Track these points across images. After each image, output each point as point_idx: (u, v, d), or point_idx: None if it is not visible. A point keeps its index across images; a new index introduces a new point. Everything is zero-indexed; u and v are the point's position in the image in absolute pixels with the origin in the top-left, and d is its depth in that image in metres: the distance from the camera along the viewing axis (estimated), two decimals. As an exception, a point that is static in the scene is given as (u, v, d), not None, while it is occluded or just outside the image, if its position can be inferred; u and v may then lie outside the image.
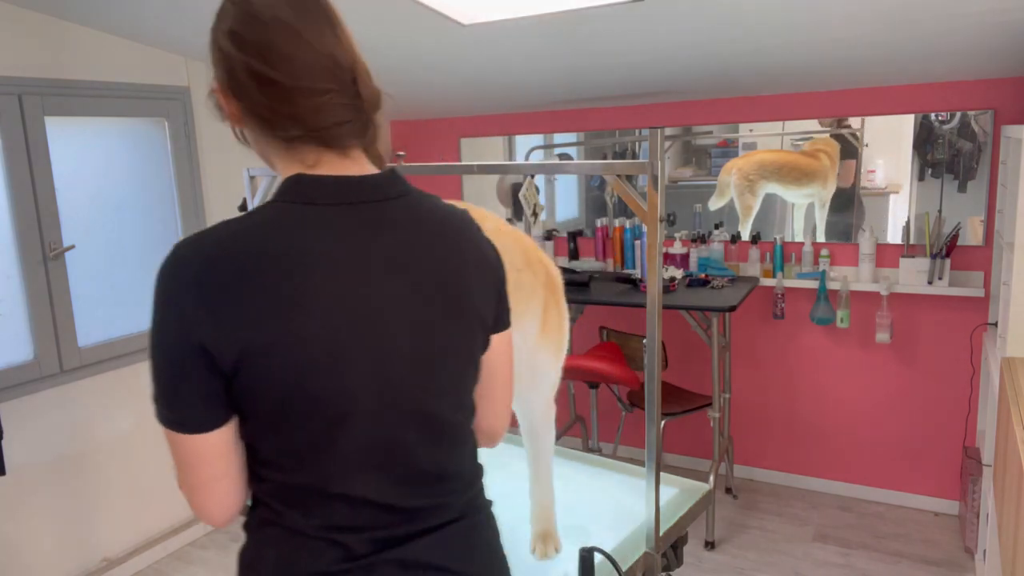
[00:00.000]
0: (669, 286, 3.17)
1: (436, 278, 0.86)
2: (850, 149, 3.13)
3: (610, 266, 3.70)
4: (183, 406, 0.81)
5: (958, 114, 2.92)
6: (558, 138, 3.78)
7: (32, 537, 2.64)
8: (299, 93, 0.81)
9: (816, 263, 3.23)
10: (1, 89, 2.47)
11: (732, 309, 2.88)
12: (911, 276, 3.02)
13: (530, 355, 1.29)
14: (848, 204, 3.18)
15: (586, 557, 1.22)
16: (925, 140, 2.99)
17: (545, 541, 1.39)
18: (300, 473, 0.83)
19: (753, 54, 2.64)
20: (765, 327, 3.43)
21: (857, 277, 3.16)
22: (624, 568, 1.30)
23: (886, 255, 3.14)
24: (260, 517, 0.88)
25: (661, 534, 1.39)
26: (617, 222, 3.67)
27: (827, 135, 3.16)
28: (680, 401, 3.24)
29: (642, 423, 3.69)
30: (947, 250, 2.95)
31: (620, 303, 3.09)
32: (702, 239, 3.46)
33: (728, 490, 3.44)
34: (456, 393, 0.91)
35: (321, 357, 0.79)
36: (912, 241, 3.05)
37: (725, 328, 3.36)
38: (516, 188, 3.61)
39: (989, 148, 2.89)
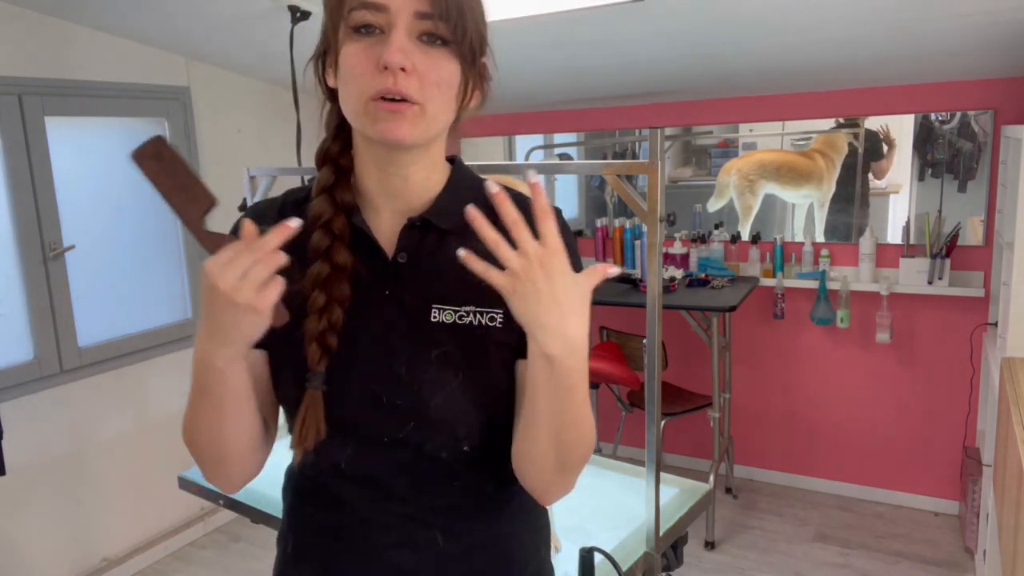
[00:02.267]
0: (669, 286, 3.17)
1: None
2: (876, 148, 3.12)
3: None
4: None
5: (958, 114, 2.92)
6: (558, 138, 3.78)
7: (32, 537, 2.64)
8: None
9: (816, 263, 3.23)
10: (1, 89, 2.47)
11: (732, 309, 2.88)
12: (911, 276, 3.02)
13: None
14: (849, 204, 3.18)
15: (586, 557, 1.22)
16: (925, 140, 2.99)
17: (545, 541, 1.39)
18: None
19: (753, 54, 2.64)
20: (765, 327, 3.43)
21: (857, 277, 3.16)
22: (624, 568, 1.30)
23: (886, 255, 3.14)
24: None
25: (661, 534, 1.38)
26: (617, 222, 3.67)
27: (836, 133, 3.16)
28: (680, 401, 3.24)
29: (642, 423, 3.68)
30: (947, 250, 2.95)
31: (620, 303, 3.09)
32: (702, 239, 3.46)
33: (728, 490, 3.44)
34: None
35: None
36: (912, 241, 3.05)
37: (725, 328, 3.36)
38: (516, 188, 3.60)
39: (989, 148, 2.89)
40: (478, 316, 0.83)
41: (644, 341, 2.48)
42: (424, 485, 0.86)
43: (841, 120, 3.13)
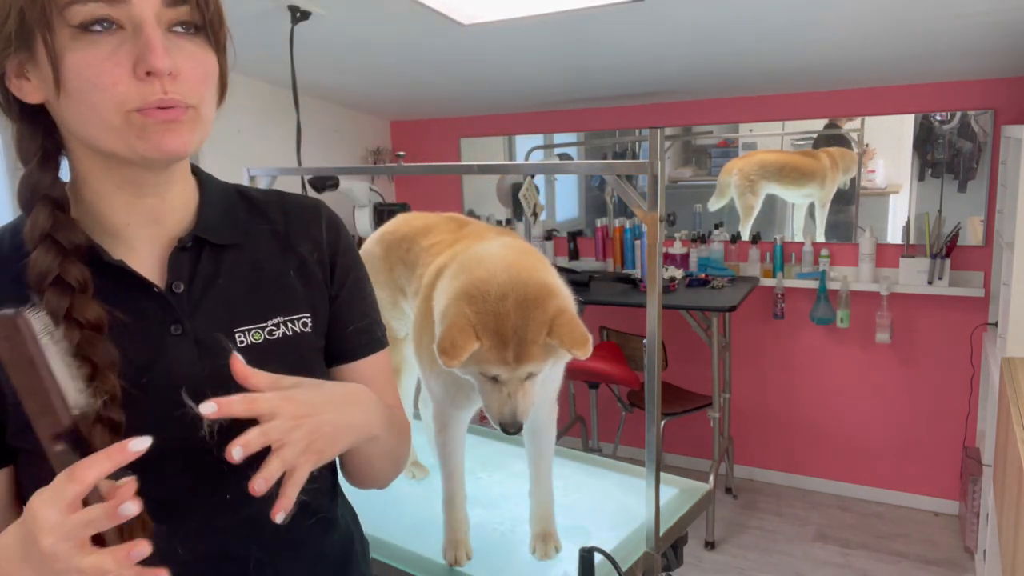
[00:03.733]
0: (669, 286, 3.17)
1: None
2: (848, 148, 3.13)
3: (610, 266, 3.70)
4: None
5: (958, 114, 2.92)
6: (558, 138, 3.78)
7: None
8: None
9: (816, 263, 3.23)
10: (1, 89, 2.47)
11: (732, 309, 2.88)
12: (911, 276, 3.02)
13: None
14: (849, 204, 3.18)
15: (586, 557, 1.22)
16: (925, 140, 2.99)
17: (545, 541, 1.39)
18: None
19: (753, 54, 2.64)
20: (765, 327, 3.43)
21: (857, 277, 3.16)
22: (624, 568, 1.30)
23: (886, 255, 3.14)
24: None
25: (661, 534, 1.38)
26: (617, 222, 3.67)
27: (851, 151, 3.16)
28: (680, 401, 3.24)
29: (642, 423, 3.68)
30: (947, 250, 2.95)
31: (620, 303, 3.09)
32: (702, 239, 3.46)
33: (728, 490, 3.44)
34: None
35: None
36: (912, 241, 3.05)
37: (725, 328, 3.36)
38: (516, 188, 3.61)
39: (989, 148, 2.89)
40: (288, 325, 0.75)
41: (644, 341, 2.48)
42: (281, 538, 0.76)
43: (827, 121, 3.13)
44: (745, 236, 3.40)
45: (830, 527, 3.12)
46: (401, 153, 1.91)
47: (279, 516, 0.63)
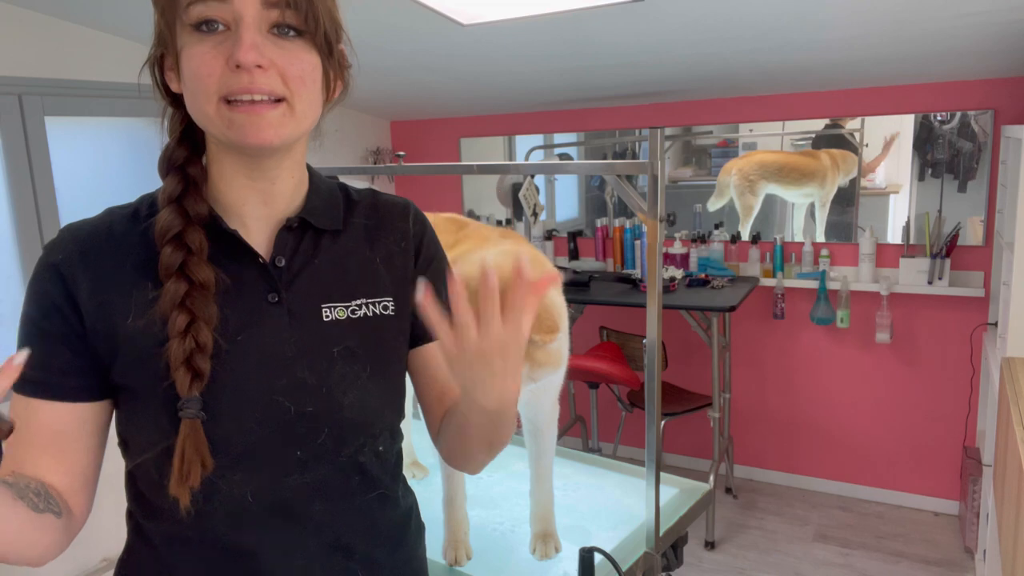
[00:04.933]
0: (669, 286, 3.17)
1: None
2: (849, 148, 3.13)
3: (610, 266, 3.70)
4: None
5: (958, 114, 2.92)
6: (558, 138, 3.78)
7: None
8: None
9: (816, 263, 3.23)
10: (1, 89, 2.47)
11: (732, 309, 2.88)
12: (911, 276, 3.02)
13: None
14: (849, 204, 3.18)
15: (586, 557, 1.22)
16: (925, 140, 2.99)
17: (545, 541, 1.39)
18: None
19: (753, 54, 2.64)
20: (765, 327, 3.43)
21: (857, 277, 3.16)
22: (624, 568, 1.30)
23: (886, 255, 3.14)
24: None
25: (661, 534, 1.38)
26: (617, 222, 3.67)
27: (850, 153, 3.16)
28: (680, 401, 3.24)
29: (642, 423, 3.69)
30: (947, 250, 2.95)
31: (620, 303, 3.09)
32: (702, 239, 3.46)
33: (728, 490, 3.44)
34: None
35: None
36: (912, 241, 3.05)
37: (725, 328, 3.36)
38: (516, 188, 3.60)
39: (989, 148, 2.89)
40: (371, 307, 0.82)
41: (644, 341, 2.48)
42: (342, 503, 0.81)
43: (828, 121, 3.13)
44: (745, 236, 3.40)
45: (830, 527, 3.12)
46: (401, 153, 1.91)
47: None
